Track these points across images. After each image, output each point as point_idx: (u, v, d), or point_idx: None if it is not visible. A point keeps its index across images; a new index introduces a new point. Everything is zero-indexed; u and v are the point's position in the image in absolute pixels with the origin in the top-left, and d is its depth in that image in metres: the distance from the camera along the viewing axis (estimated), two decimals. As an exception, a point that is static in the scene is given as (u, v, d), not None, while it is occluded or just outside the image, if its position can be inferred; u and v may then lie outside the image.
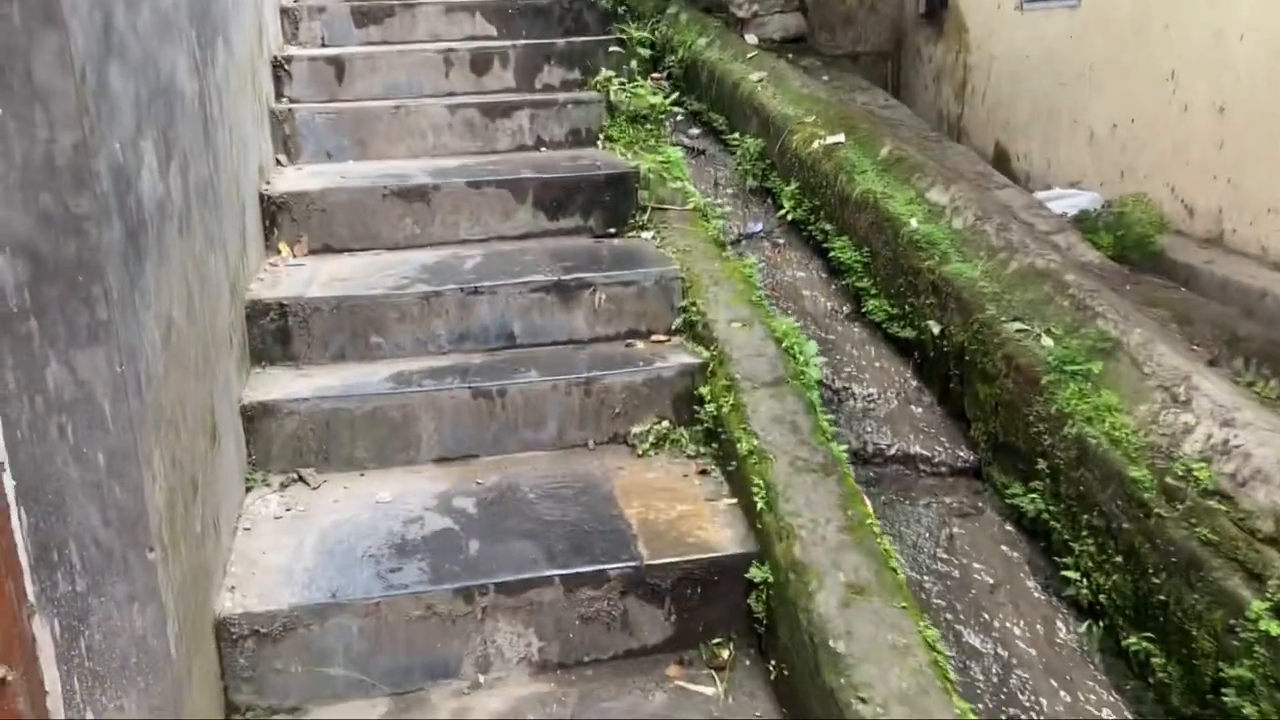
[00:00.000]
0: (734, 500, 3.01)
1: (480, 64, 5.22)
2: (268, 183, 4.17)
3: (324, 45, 5.49)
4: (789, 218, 5.07)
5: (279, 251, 4.04)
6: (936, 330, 3.68)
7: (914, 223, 4.04)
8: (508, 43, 5.39)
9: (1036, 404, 3.06)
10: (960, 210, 3.98)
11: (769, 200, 5.46)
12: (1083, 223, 4.28)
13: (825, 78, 6.13)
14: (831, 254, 4.61)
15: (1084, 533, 2.83)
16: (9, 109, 1.74)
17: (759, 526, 2.75)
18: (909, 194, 4.25)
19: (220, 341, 2.90)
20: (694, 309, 3.65)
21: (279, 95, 4.91)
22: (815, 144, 4.95)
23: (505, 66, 5.25)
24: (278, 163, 4.61)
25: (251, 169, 3.87)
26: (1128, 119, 4.94)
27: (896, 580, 2.43)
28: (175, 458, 2.23)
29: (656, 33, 6.82)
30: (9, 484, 1.90)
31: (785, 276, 4.76)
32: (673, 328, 3.73)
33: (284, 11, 5.42)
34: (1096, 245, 3.94)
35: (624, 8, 6.28)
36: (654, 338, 3.73)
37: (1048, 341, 3.19)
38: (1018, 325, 3.30)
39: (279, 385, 3.32)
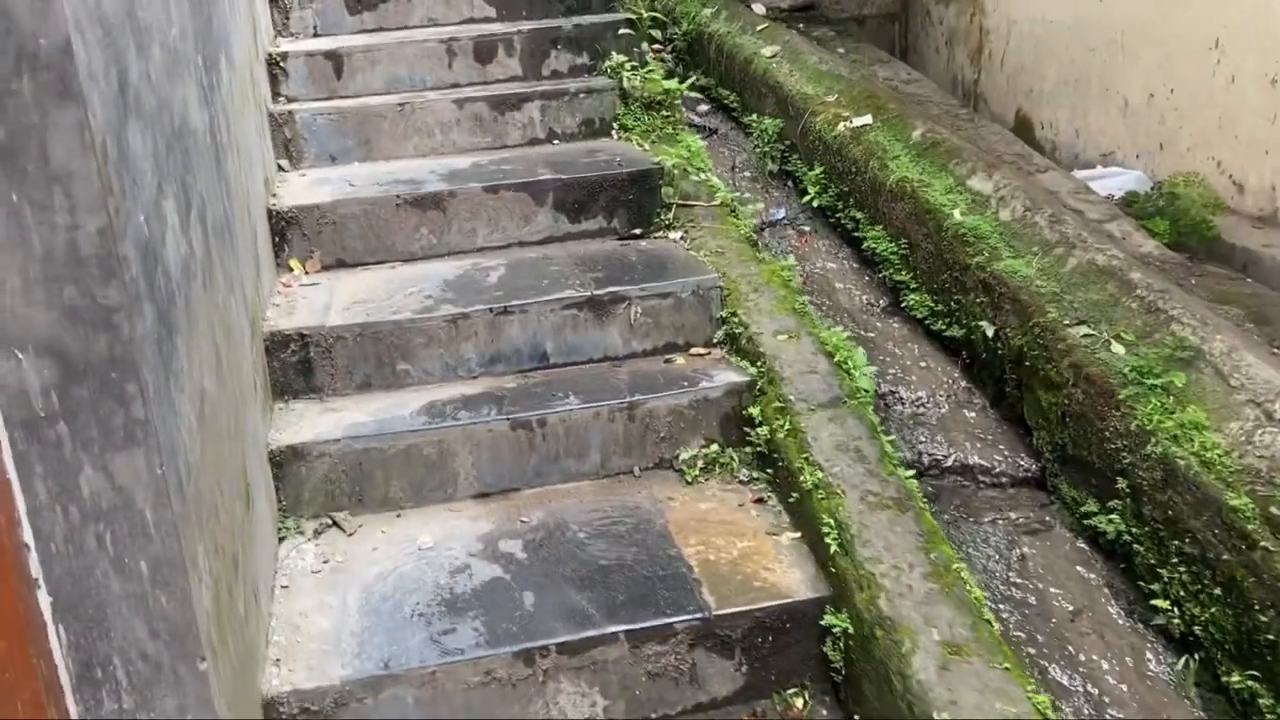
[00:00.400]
0: (798, 534, 2.85)
1: (484, 52, 4.97)
2: (274, 195, 3.95)
3: (317, 35, 5.22)
4: (814, 204, 4.88)
5: (290, 269, 3.83)
6: (990, 332, 3.50)
7: (957, 214, 3.85)
8: (511, 27, 5.12)
9: (1112, 419, 2.90)
10: (1006, 200, 3.79)
11: (790, 184, 5.26)
12: (1131, 205, 4.09)
13: (841, 50, 5.90)
14: (865, 244, 4.43)
15: (1174, 559, 2.68)
16: (25, 196, 1.54)
17: (832, 570, 2.59)
18: (948, 181, 4.05)
19: (246, 390, 2.71)
20: (735, 320, 3.46)
21: (276, 95, 4.66)
22: (841, 126, 4.75)
23: (510, 54, 5.00)
24: (280, 169, 4.38)
25: (258, 184, 3.65)
26: (1166, 89, 4.74)
27: (994, 636, 2.28)
28: (218, 545, 2.05)
29: (658, 3, 6.58)
30: (45, 601, 1.72)
31: (815, 268, 4.58)
32: (713, 340, 3.55)
33: (273, 1, 5.15)
34: (1152, 233, 3.76)
35: (629, -18, 6.02)
36: (693, 351, 3.54)
37: (1118, 349, 3.01)
38: (1084, 330, 3.12)
39: (306, 423, 3.13)
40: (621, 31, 5.06)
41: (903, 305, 4.14)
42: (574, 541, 2.91)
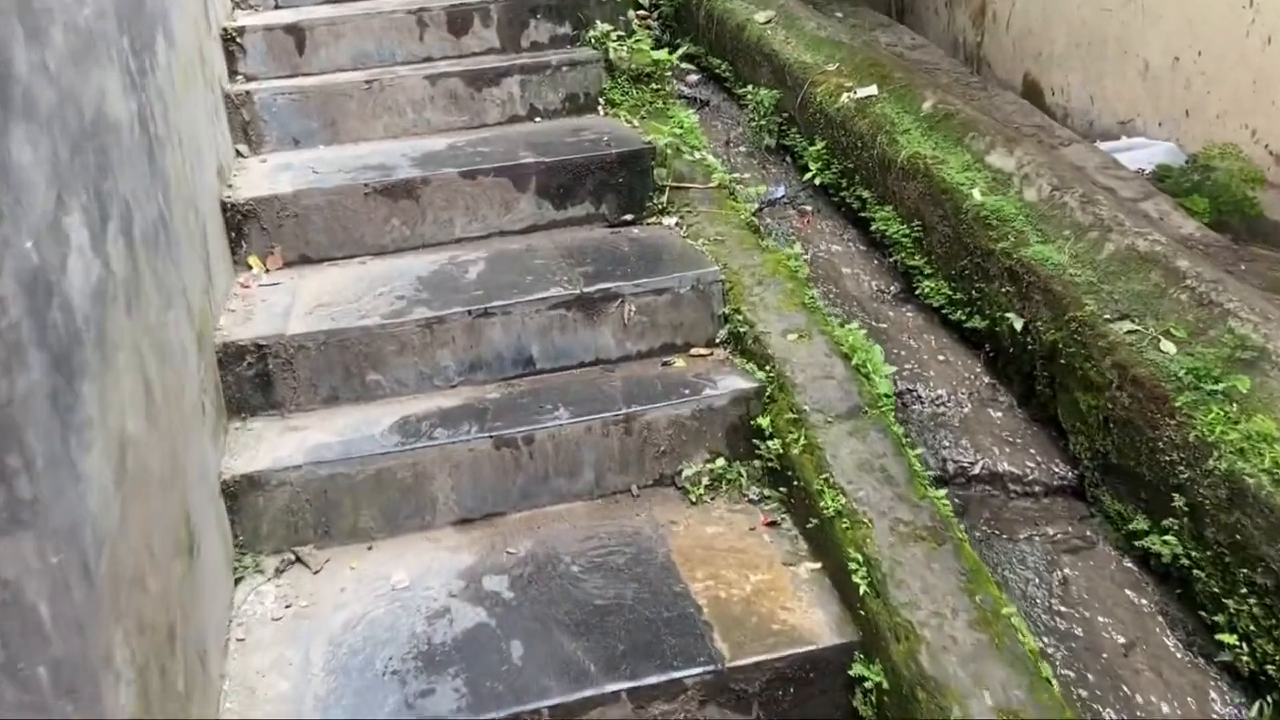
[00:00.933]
0: (818, 565, 2.54)
1: (458, 23, 4.60)
2: (230, 186, 3.60)
3: (279, 7, 4.83)
4: (816, 181, 4.55)
5: (249, 267, 3.49)
6: (1018, 325, 3.19)
7: (977, 194, 3.52)
8: (487, -5, 4.76)
9: (1166, 428, 2.59)
10: (1031, 178, 3.47)
11: (789, 160, 4.92)
12: (1164, 180, 3.77)
13: (839, 15, 5.54)
14: (873, 226, 4.10)
15: (1242, 589, 2.38)
16: None
17: (861, 612, 2.28)
18: (964, 158, 3.72)
19: (190, 418, 2.38)
20: (739, 318, 3.14)
21: (233, 74, 4.29)
22: (844, 97, 4.41)
23: (487, 24, 4.63)
24: (238, 154, 4.02)
25: (209, 176, 3.30)
26: (1193, 51, 4.41)
27: (1055, 698, 1.97)
28: (144, 624, 1.73)
29: (642, -33, 6.20)
30: (-80, 719, 1.40)
31: (820, 251, 4.25)
32: (715, 340, 3.23)
33: (231, -29, 4.77)
34: (1190, 211, 3.44)
35: (608, -57, 5.64)
36: (694, 352, 3.22)
37: (1169, 347, 2.70)
38: (1127, 326, 2.81)
39: (265, 446, 2.80)
40: (605, -3, 4.70)
41: (916, 292, 3.83)
42: (567, 576, 2.59)
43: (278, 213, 3.50)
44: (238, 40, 4.30)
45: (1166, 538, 2.59)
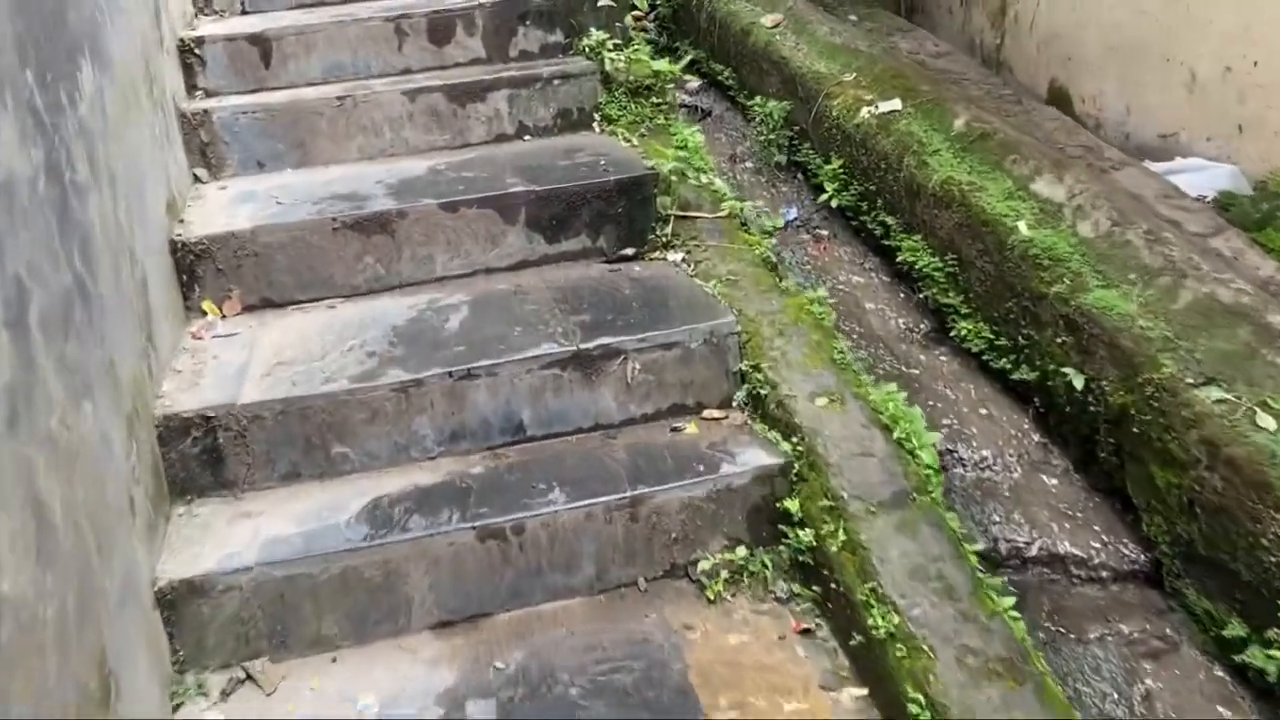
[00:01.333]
0: (863, 692, 2.15)
1: (440, 31, 4.18)
2: (183, 220, 3.19)
3: (245, 13, 4.41)
4: (832, 203, 4.15)
5: (204, 313, 3.08)
6: (1079, 383, 2.79)
7: (1023, 228, 3.13)
8: (471, 1, 4.33)
9: (1271, 522, 2.20)
10: (1085, 210, 3.07)
11: (800, 178, 4.53)
12: (1229, 210, 3.37)
13: (853, 18, 5.13)
14: (899, 256, 3.70)
15: (1373, 725, 2.00)
16: None
17: (924, 764, 1.89)
18: (1005, 184, 3.33)
19: (113, 525, 1.98)
20: (759, 377, 2.74)
21: (191, 89, 3.87)
22: (864, 112, 4.01)
23: (471, 32, 4.20)
24: (196, 179, 3.62)
25: (155, 212, 2.90)
26: (1248, 61, 4.01)
27: None
28: None
29: (637, -36, 5.79)
30: None
31: (839, 282, 3.86)
32: (731, 400, 2.83)
33: (192, -27, 4.34)
34: (1266, 249, 3.05)
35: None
36: (706, 414, 2.82)
37: (1268, 421, 2.31)
38: (1216, 394, 2.42)
39: (212, 540, 2.40)
40: (601, 2, 4.28)
41: (951, 333, 3.43)
42: (565, 701, 2.19)
43: (236, 251, 3.09)
44: (196, 51, 3.88)
45: (1271, 652, 2.20)
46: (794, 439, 2.55)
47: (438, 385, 2.66)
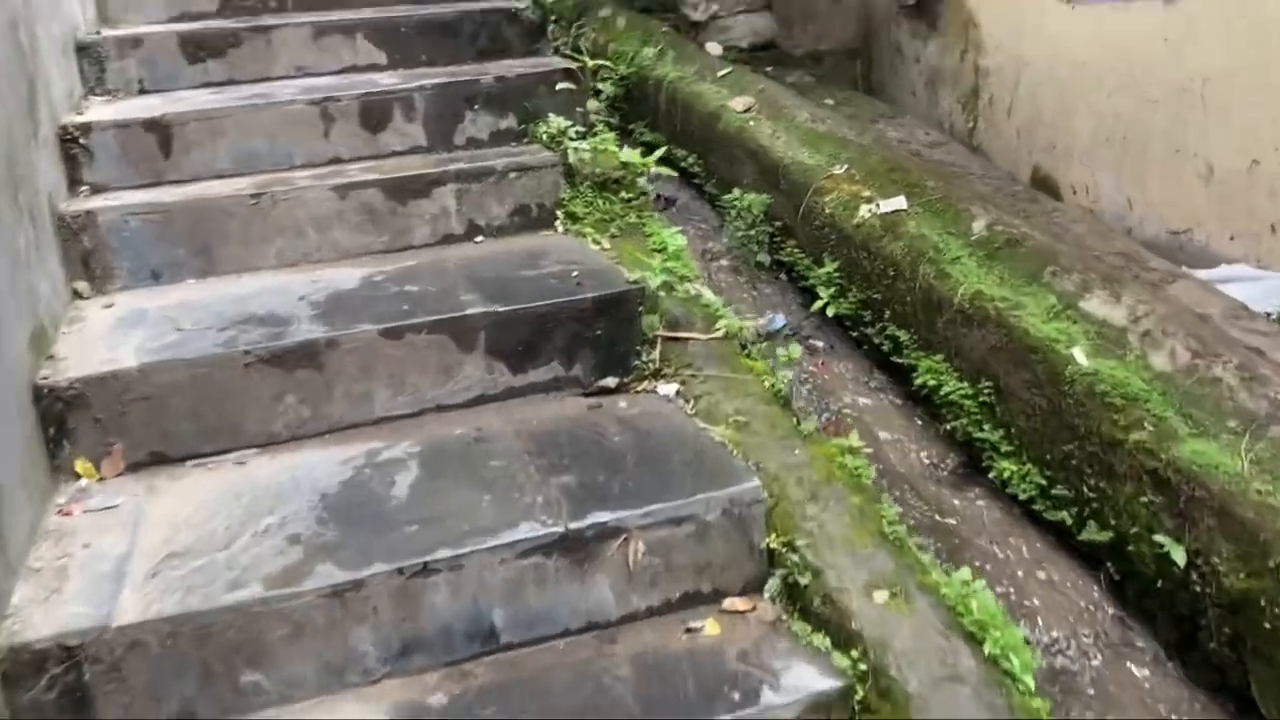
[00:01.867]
0: None
1: (375, 115, 3.60)
2: (52, 357, 2.54)
3: (144, 92, 3.79)
4: (828, 311, 3.63)
5: (76, 475, 2.42)
6: (1180, 558, 2.28)
7: (1080, 357, 2.63)
8: (409, 80, 3.75)
9: None
10: (1155, 338, 2.59)
11: (785, 278, 4.01)
12: (1298, 327, 2.94)
13: (830, 101, 4.68)
14: (916, 378, 3.18)
15: None
16: None
17: None
18: (1048, 301, 2.83)
19: None
20: (794, 559, 2.17)
21: (75, 185, 3.23)
22: (863, 210, 3.52)
23: (410, 117, 3.64)
24: (75, 296, 2.98)
25: (13, 352, 2.27)
26: (1279, 155, 3.63)
27: None
28: None
29: (583, 41, 5.31)
30: None
31: (845, 404, 3.32)
32: (759, 588, 2.25)
33: (82, 50, 3.70)
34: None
35: (552, 17, 4.73)
36: (726, 604, 2.23)
37: None
38: (1381, 588, 1.92)
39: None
40: (559, 85, 3.76)
41: (989, 472, 2.91)
42: None
43: (119, 396, 2.46)
44: (81, 141, 3.25)
45: None
46: (853, 652, 1.97)
47: (384, 585, 2.03)
